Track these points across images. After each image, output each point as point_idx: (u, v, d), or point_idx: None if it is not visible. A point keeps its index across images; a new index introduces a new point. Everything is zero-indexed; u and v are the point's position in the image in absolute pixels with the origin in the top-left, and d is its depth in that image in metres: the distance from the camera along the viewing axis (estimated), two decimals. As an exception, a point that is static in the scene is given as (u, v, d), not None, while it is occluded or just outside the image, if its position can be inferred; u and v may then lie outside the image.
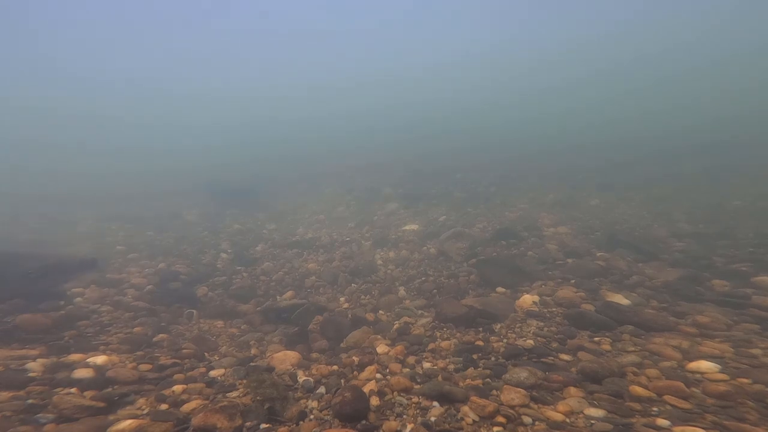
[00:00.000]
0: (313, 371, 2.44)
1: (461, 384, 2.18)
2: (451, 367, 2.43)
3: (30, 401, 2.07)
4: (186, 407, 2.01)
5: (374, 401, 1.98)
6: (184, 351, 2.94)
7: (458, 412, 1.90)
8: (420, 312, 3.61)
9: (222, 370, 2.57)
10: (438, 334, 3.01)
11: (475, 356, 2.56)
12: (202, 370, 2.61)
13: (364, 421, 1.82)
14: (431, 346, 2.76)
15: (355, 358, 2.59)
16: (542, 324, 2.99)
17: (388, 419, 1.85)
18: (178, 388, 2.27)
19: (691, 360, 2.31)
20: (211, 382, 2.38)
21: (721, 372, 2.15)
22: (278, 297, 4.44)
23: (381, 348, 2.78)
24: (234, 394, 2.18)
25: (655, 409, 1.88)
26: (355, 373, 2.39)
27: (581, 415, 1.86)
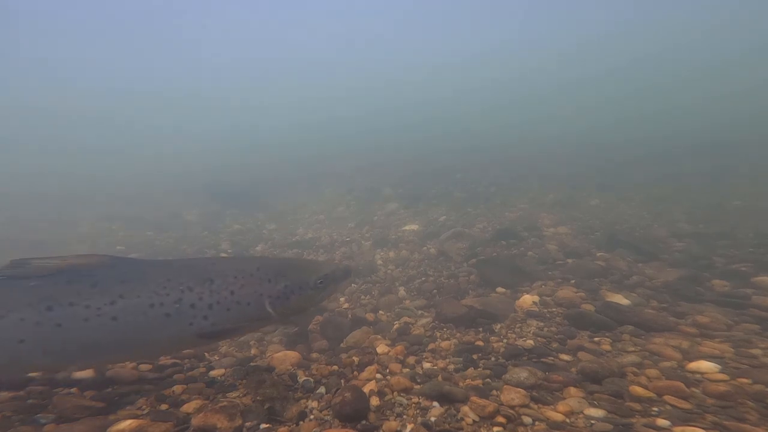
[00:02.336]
0: (313, 371, 2.44)
1: (461, 384, 2.18)
2: (451, 367, 2.42)
3: (30, 401, 2.07)
4: (186, 407, 2.01)
5: (374, 401, 1.98)
6: (184, 351, 2.94)
7: (458, 412, 1.90)
8: (420, 312, 3.61)
9: (222, 370, 2.57)
10: (438, 334, 3.01)
11: (475, 356, 2.56)
12: (202, 370, 2.61)
13: (364, 421, 1.82)
14: (431, 346, 2.76)
15: (355, 358, 2.58)
16: (542, 324, 2.99)
17: (388, 419, 1.85)
18: (178, 388, 2.26)
19: (691, 360, 2.31)
20: (211, 382, 2.38)
21: (721, 372, 2.15)
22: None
23: (381, 348, 2.77)
24: (234, 394, 2.17)
25: (655, 409, 1.88)
26: (355, 373, 2.39)
27: (581, 415, 1.86)
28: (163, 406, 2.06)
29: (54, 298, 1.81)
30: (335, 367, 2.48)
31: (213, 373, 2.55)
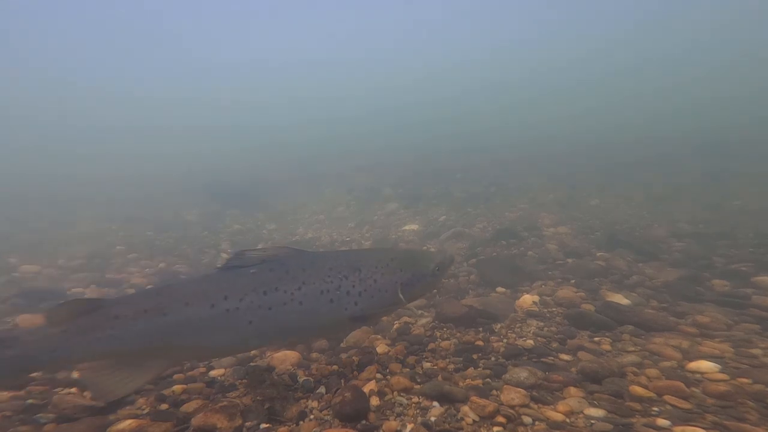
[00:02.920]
0: (313, 371, 2.44)
1: (461, 384, 2.18)
2: (451, 367, 2.42)
3: (30, 401, 2.06)
4: (186, 407, 2.01)
5: (374, 401, 1.98)
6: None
7: (458, 412, 1.89)
8: (420, 312, 3.61)
9: (222, 370, 2.57)
10: (438, 334, 3.01)
11: (475, 356, 2.55)
12: (202, 370, 2.61)
13: (364, 421, 1.82)
14: (431, 346, 2.75)
15: (355, 358, 2.58)
16: (542, 324, 2.99)
17: (388, 419, 1.84)
18: (178, 388, 2.26)
19: (691, 360, 2.31)
20: (211, 382, 2.38)
21: (721, 372, 2.15)
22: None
23: (381, 348, 2.77)
24: (234, 394, 2.18)
25: (655, 409, 1.88)
26: (355, 372, 2.39)
27: (581, 415, 1.85)
28: (163, 406, 2.06)
29: (267, 284, 2.05)
30: (335, 367, 2.48)
31: (213, 373, 2.55)
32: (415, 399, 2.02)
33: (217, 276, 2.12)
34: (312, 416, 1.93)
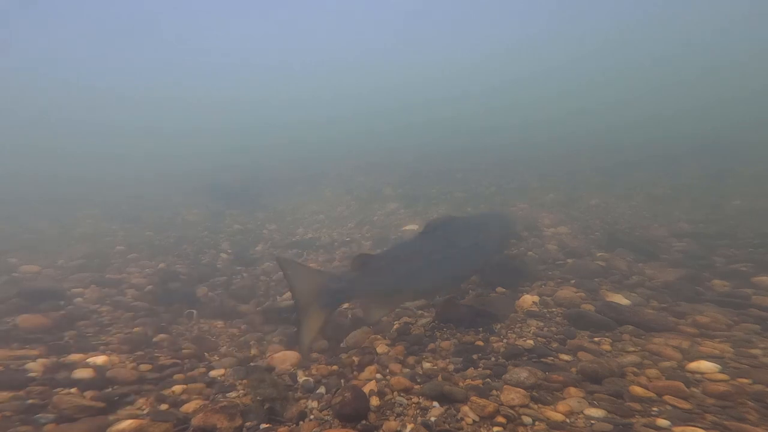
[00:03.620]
0: (313, 371, 2.44)
1: (461, 384, 2.18)
2: (451, 367, 2.42)
3: (30, 401, 2.07)
4: (186, 407, 2.01)
5: (374, 401, 1.98)
6: (184, 351, 2.94)
7: (458, 412, 1.90)
8: (420, 312, 3.60)
9: (222, 371, 2.57)
10: (438, 334, 3.00)
11: (475, 356, 2.56)
12: (202, 370, 2.61)
13: (364, 421, 1.82)
14: (431, 346, 2.76)
15: (355, 358, 2.59)
16: (542, 324, 2.99)
17: (388, 419, 1.85)
18: (178, 388, 2.27)
19: (691, 360, 2.31)
20: (211, 383, 2.39)
21: (721, 372, 2.15)
22: (278, 297, 4.43)
23: (381, 348, 2.77)
24: (234, 394, 2.18)
25: (655, 409, 1.88)
26: (355, 373, 2.39)
27: (581, 415, 1.86)
28: (163, 406, 2.07)
29: (449, 241, 2.85)
30: (335, 367, 2.48)
31: (213, 373, 2.55)
32: (415, 399, 2.03)
33: (422, 237, 2.94)
34: (312, 416, 1.93)
